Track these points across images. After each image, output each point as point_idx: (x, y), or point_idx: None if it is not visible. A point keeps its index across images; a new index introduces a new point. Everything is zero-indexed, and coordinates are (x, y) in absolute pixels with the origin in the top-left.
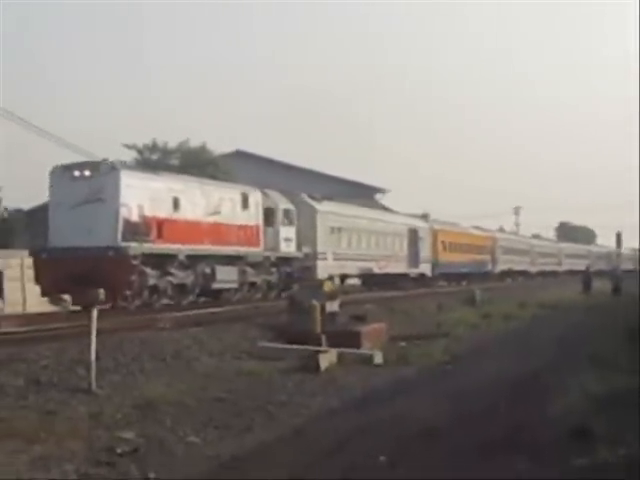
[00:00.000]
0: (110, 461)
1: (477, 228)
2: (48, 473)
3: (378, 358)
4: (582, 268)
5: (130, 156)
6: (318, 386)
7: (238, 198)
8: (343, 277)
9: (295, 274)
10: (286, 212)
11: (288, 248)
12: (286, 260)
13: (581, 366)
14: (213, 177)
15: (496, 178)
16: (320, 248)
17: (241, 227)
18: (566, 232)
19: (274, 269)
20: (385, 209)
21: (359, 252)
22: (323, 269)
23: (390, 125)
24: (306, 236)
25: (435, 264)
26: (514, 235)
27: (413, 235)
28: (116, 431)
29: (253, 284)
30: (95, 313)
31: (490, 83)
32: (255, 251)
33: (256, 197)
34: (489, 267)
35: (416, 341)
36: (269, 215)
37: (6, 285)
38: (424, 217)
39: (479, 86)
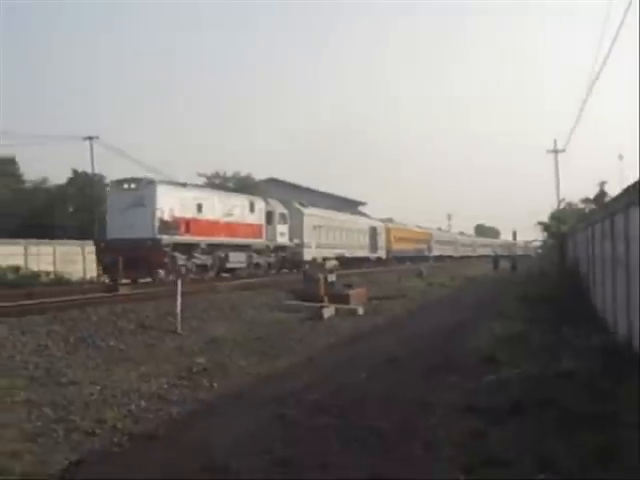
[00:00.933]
0: (189, 376)
1: (419, 227)
2: (149, 384)
3: (360, 311)
4: (490, 254)
5: (201, 181)
6: (322, 329)
7: (247, 204)
8: (324, 259)
9: (288, 257)
10: (281, 214)
11: (282, 239)
12: (281, 248)
13: (491, 317)
14: (252, 194)
15: (438, 195)
16: (305, 240)
17: (249, 225)
18: (481, 231)
19: (273, 254)
20: (362, 214)
21: (334, 242)
22: (308, 253)
23: (376, 155)
24: (295, 231)
25: (389, 251)
26: (445, 232)
27: (373, 231)
28: (193, 357)
29: (257, 264)
30: (180, 282)
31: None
32: (259, 241)
33: (260, 204)
34: (426, 253)
35: (384, 300)
36: (269, 216)
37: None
38: (388, 220)
39: (435, 124)
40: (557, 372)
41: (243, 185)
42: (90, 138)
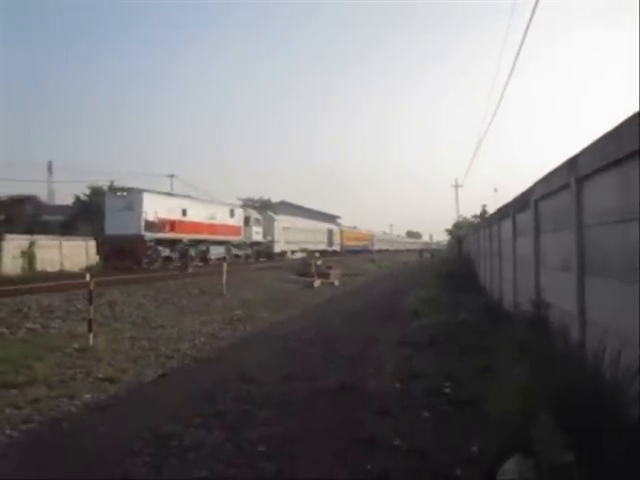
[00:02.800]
0: (230, 322)
1: (368, 230)
2: (206, 327)
3: (336, 283)
4: (416, 248)
5: (239, 203)
6: (313, 294)
7: (227, 211)
8: (292, 252)
9: (262, 250)
10: (256, 219)
11: (257, 237)
12: (256, 243)
13: (416, 287)
14: (268, 211)
15: (387, 210)
16: (276, 237)
17: (229, 226)
18: (410, 234)
19: (249, 248)
20: (336, 224)
21: (299, 239)
22: (278, 247)
23: (348, 183)
24: (269, 231)
25: (342, 246)
26: (384, 233)
27: (330, 232)
28: (233, 310)
29: (237, 255)
30: (225, 265)
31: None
32: (237, 239)
33: (239, 211)
34: (370, 247)
35: (352, 276)
36: (247, 220)
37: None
38: (354, 228)
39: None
40: (456, 320)
41: (263, 205)
42: (171, 176)
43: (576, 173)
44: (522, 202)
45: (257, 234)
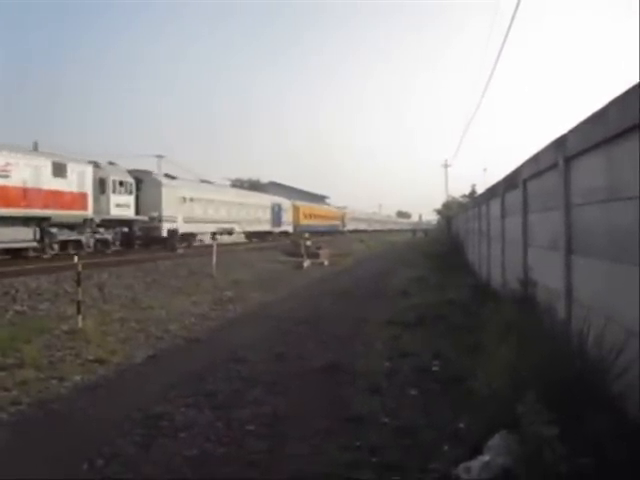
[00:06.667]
0: (220, 303)
1: (338, 207)
2: (196, 307)
3: (326, 263)
4: (404, 228)
5: (227, 183)
6: (303, 274)
7: (49, 165)
8: (213, 235)
9: (135, 232)
10: (121, 183)
11: (123, 212)
12: (122, 221)
13: (405, 267)
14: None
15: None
16: (166, 213)
17: (50, 192)
18: (400, 214)
19: (104, 229)
20: (322, 200)
21: (218, 217)
22: (170, 227)
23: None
24: (152, 204)
25: (297, 226)
26: (360, 211)
27: (277, 208)
28: (223, 291)
29: (66, 242)
30: (215, 245)
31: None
32: (72, 213)
33: (80, 168)
34: (340, 228)
35: (341, 256)
36: (102, 184)
37: None
38: (343, 207)
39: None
40: (445, 300)
41: (253, 186)
42: (159, 156)
43: (564, 152)
44: (511, 182)
45: (123, 207)
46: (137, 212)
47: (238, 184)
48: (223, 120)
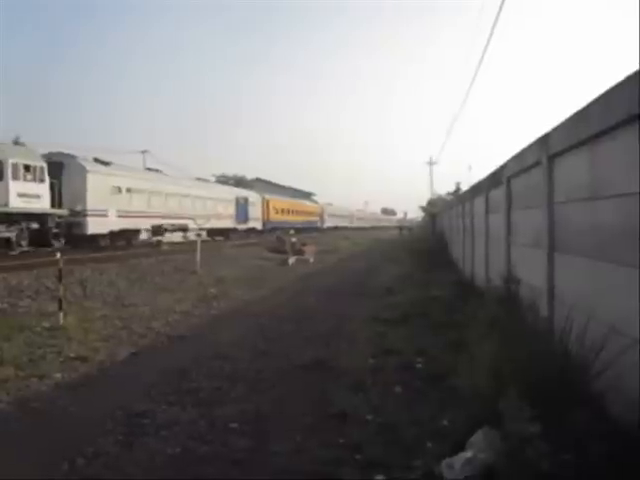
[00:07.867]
0: (205, 300)
1: (315, 202)
2: (180, 305)
3: (311, 260)
4: (389, 224)
5: (213, 179)
6: (288, 271)
7: None
8: (158, 230)
9: (51, 229)
10: (27, 167)
11: (30, 204)
12: (30, 216)
13: (390, 264)
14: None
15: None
16: (92, 206)
17: None
18: (385, 211)
19: (9, 225)
20: (308, 197)
21: (164, 211)
22: (100, 224)
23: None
24: (75, 195)
25: (266, 222)
26: (340, 207)
27: (243, 201)
28: (207, 288)
29: None
30: (199, 242)
31: None
32: None
33: None
34: (318, 224)
35: (326, 253)
36: None
37: None
38: (328, 204)
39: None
40: (429, 297)
41: (238, 182)
42: (144, 152)
43: (547, 150)
44: (495, 179)
45: (30, 198)
46: (56, 204)
47: (224, 180)
48: (212, 117)
